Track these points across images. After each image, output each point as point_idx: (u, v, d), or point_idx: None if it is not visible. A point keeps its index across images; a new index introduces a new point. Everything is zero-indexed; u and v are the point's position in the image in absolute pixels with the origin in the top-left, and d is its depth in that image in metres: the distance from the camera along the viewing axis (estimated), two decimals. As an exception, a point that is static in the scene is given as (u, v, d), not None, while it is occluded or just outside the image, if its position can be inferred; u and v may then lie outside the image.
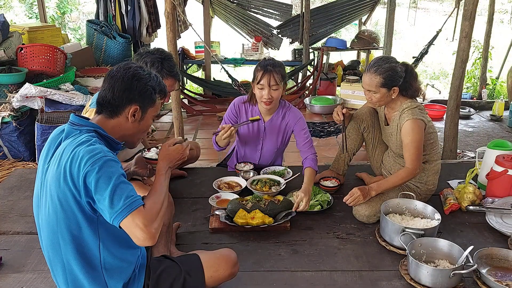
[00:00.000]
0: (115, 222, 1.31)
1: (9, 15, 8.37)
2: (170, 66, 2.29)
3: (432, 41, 5.42)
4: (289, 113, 2.58)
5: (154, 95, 1.53)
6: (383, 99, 2.26)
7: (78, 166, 1.31)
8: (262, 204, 2.19)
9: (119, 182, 1.33)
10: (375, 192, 2.20)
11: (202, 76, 6.87)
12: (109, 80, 1.48)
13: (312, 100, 6.07)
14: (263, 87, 2.39)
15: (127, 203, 1.31)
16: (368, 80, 2.24)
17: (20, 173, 2.94)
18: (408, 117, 2.19)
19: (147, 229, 1.32)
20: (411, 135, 2.18)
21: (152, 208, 1.39)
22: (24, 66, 4.29)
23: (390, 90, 2.23)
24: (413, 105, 2.24)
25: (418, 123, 2.18)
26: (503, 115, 5.62)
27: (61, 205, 1.35)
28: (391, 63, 2.23)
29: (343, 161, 2.65)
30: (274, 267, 1.91)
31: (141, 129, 1.56)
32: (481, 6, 8.73)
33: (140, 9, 5.77)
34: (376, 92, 2.23)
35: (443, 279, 1.69)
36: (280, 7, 7.04)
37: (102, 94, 1.49)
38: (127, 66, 1.50)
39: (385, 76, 2.19)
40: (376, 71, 2.20)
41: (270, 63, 2.41)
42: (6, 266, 1.93)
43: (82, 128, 1.43)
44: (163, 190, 1.50)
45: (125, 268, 1.48)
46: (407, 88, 2.26)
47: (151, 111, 1.55)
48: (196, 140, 4.80)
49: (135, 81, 1.48)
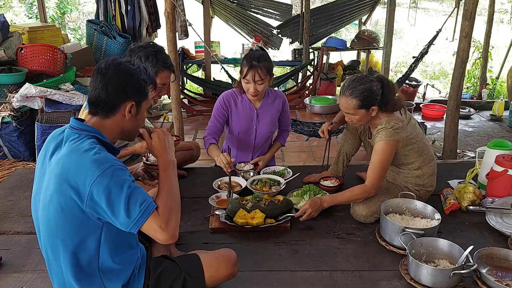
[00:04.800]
0: (132, 230, 1.33)
1: (9, 15, 8.37)
2: (164, 58, 2.29)
3: (432, 41, 5.42)
4: (276, 95, 2.74)
5: (147, 88, 1.51)
6: (363, 119, 2.20)
7: (85, 177, 1.29)
8: (262, 204, 2.19)
9: (132, 189, 1.33)
10: (327, 204, 2.19)
11: (202, 76, 6.87)
12: (100, 79, 1.42)
13: (312, 100, 6.07)
14: (248, 81, 2.49)
15: (142, 210, 1.33)
16: (344, 104, 2.17)
17: (20, 173, 2.94)
18: (380, 138, 2.15)
19: (165, 231, 1.36)
20: (379, 155, 2.15)
21: (165, 210, 1.39)
22: (24, 66, 4.29)
23: (369, 110, 2.16)
24: (388, 125, 2.16)
25: (389, 144, 2.14)
26: (503, 115, 5.63)
27: (62, 211, 1.33)
28: (365, 83, 2.12)
29: (341, 163, 2.65)
30: (274, 267, 1.91)
31: (138, 123, 1.54)
32: (481, 6, 8.74)
33: (140, 9, 5.77)
34: (355, 114, 2.17)
35: (443, 279, 1.69)
36: (280, 7, 7.04)
37: (94, 94, 1.43)
38: (116, 62, 1.45)
39: (361, 98, 2.11)
40: (352, 94, 2.12)
41: (255, 58, 2.46)
42: (6, 266, 1.92)
43: (82, 132, 1.40)
44: (172, 185, 1.49)
45: (124, 270, 1.47)
46: (385, 103, 2.18)
47: (145, 104, 1.52)
48: (196, 140, 4.80)
49: (128, 78, 1.44)
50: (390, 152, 2.16)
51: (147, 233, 1.37)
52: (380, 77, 2.23)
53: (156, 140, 1.57)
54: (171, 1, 3.36)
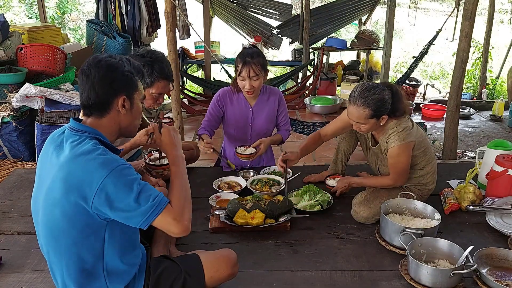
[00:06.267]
0: (143, 225, 1.34)
1: (9, 15, 8.37)
2: (161, 68, 2.24)
3: (432, 41, 5.43)
4: (271, 92, 2.74)
5: (135, 79, 1.48)
6: (372, 128, 2.19)
7: (92, 179, 1.29)
8: (262, 204, 2.19)
9: (142, 186, 1.34)
10: (355, 185, 2.40)
11: (202, 76, 6.87)
12: (86, 80, 1.41)
13: (312, 100, 6.07)
14: (244, 78, 2.50)
15: (155, 205, 1.34)
16: (356, 113, 2.10)
17: (20, 173, 2.94)
18: (394, 143, 2.14)
19: (180, 223, 1.38)
20: (397, 158, 2.16)
21: (178, 203, 1.42)
22: (24, 66, 4.29)
23: (379, 119, 2.13)
24: (399, 128, 2.16)
25: (406, 146, 2.14)
26: (503, 115, 5.63)
27: (68, 215, 1.32)
28: (378, 93, 2.07)
29: (340, 162, 2.66)
30: (274, 267, 1.91)
31: (134, 117, 1.52)
32: (481, 6, 8.75)
33: (140, 9, 5.77)
34: (365, 123, 2.14)
35: (443, 279, 1.69)
36: (280, 7, 7.04)
37: (84, 96, 1.42)
38: (97, 60, 1.44)
39: (374, 108, 2.06)
40: (364, 104, 2.06)
41: (249, 54, 2.48)
42: (6, 266, 1.92)
43: (82, 134, 1.39)
44: (180, 178, 1.50)
45: (129, 271, 1.47)
46: (394, 111, 2.16)
47: (137, 96, 1.50)
48: (196, 140, 4.80)
49: (112, 73, 1.42)
50: (408, 154, 2.18)
51: (160, 228, 1.38)
52: (389, 85, 2.19)
53: (166, 136, 1.59)
54: (171, 1, 3.35)
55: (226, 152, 2.88)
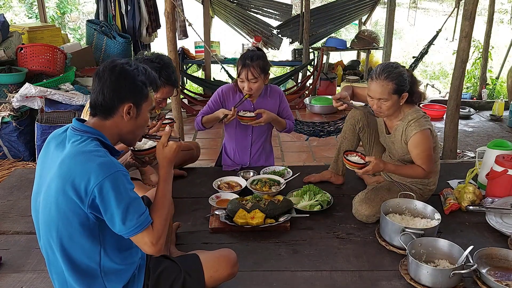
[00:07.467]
0: (124, 236, 1.36)
1: (9, 15, 8.37)
2: (168, 74, 2.29)
3: (432, 41, 5.43)
4: (272, 90, 2.75)
5: (146, 89, 1.49)
6: (392, 107, 2.18)
7: (89, 178, 1.29)
8: (262, 204, 2.19)
9: (132, 199, 1.35)
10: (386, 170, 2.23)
11: (202, 76, 6.87)
12: (98, 82, 1.44)
13: (312, 100, 6.07)
14: (243, 80, 2.53)
15: (139, 223, 1.35)
16: (379, 88, 2.12)
17: (20, 173, 2.94)
18: (416, 129, 2.15)
19: (154, 246, 1.39)
20: (422, 145, 2.16)
21: (160, 226, 1.42)
22: (24, 66, 4.29)
23: (400, 96, 2.16)
24: (419, 115, 2.20)
25: (426, 133, 2.16)
26: (503, 115, 5.62)
27: (63, 212, 1.33)
28: (399, 67, 2.16)
29: (341, 161, 2.64)
30: (274, 267, 1.91)
31: (139, 125, 1.52)
32: (481, 6, 8.74)
33: (140, 9, 5.77)
34: (388, 99, 2.14)
35: (443, 279, 1.69)
36: (280, 7, 7.04)
37: (93, 97, 1.45)
38: (113, 65, 1.45)
39: (397, 82, 2.11)
40: (387, 77, 2.11)
41: (249, 57, 2.50)
42: (6, 266, 1.92)
43: (84, 134, 1.40)
44: (167, 198, 1.51)
45: (126, 270, 1.47)
46: (411, 93, 2.21)
47: (145, 106, 1.50)
48: (196, 140, 4.80)
49: (122, 80, 1.43)
50: (429, 140, 2.18)
51: (134, 242, 1.40)
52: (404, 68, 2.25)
53: (170, 150, 1.55)
54: (171, 1, 3.35)
55: (227, 150, 2.88)
